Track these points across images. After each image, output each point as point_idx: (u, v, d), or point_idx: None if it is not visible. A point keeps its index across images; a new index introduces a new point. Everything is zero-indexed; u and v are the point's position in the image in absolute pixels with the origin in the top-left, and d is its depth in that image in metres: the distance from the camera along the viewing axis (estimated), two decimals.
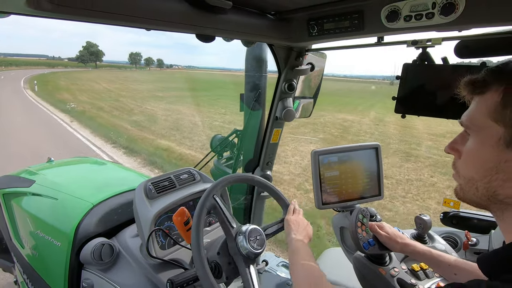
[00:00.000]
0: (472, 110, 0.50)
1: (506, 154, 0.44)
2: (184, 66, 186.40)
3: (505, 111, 0.44)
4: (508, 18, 0.74)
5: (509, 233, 0.48)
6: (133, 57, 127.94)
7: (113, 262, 1.12)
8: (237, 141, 1.83)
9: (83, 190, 1.43)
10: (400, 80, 1.07)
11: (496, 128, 0.45)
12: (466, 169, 0.51)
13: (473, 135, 0.50)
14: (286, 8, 1.07)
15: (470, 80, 0.51)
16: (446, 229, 1.35)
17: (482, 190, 0.48)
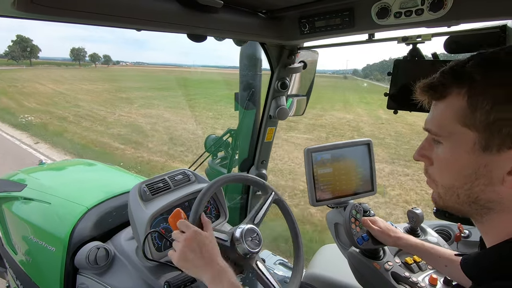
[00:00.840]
0: (438, 116, 0.48)
1: (484, 158, 0.42)
2: (132, 63, 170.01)
3: (475, 115, 0.41)
4: (495, 13, 0.75)
5: (488, 236, 0.48)
6: (75, 53, 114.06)
7: (108, 265, 1.11)
8: (231, 141, 1.83)
9: (77, 194, 1.41)
10: (392, 76, 1.08)
11: (468, 133, 0.43)
12: (443, 177, 0.49)
13: (444, 142, 0.47)
14: (278, 7, 1.07)
15: (427, 84, 0.49)
16: (439, 222, 1.37)
17: (463, 197, 0.46)
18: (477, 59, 0.43)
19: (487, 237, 0.48)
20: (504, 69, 0.40)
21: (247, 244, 0.86)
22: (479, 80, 0.41)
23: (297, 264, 0.99)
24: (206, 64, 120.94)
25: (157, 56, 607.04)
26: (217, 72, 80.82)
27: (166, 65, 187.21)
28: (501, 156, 0.41)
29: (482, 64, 0.42)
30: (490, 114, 0.40)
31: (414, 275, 0.97)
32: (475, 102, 0.41)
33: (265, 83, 1.60)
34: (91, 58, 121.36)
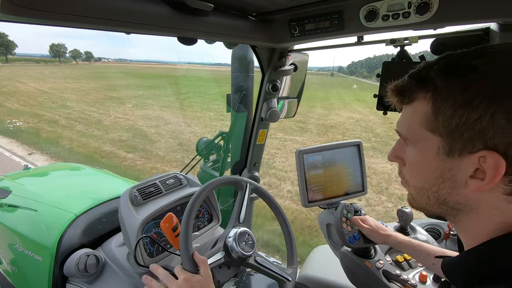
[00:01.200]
0: (406, 120, 0.48)
1: (448, 162, 0.43)
2: (114, 59, 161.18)
3: (438, 120, 0.42)
4: (478, 16, 0.78)
5: (465, 236, 0.49)
6: (55, 50, 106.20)
7: (99, 273, 1.09)
8: (223, 144, 1.82)
9: (65, 200, 1.38)
10: (380, 78, 1.10)
11: (433, 138, 0.44)
12: (413, 179, 0.50)
13: (412, 145, 0.48)
14: (267, 10, 1.07)
15: (396, 88, 0.49)
16: (430, 221, 1.40)
17: (433, 199, 0.47)
18: (440, 64, 0.43)
19: (464, 237, 0.49)
20: (464, 76, 0.40)
21: (242, 249, 0.86)
22: (441, 86, 0.42)
23: (291, 247, 1.01)
24: (191, 61, 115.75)
25: (139, 52, 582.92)
26: (203, 69, 78.85)
27: (150, 62, 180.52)
28: (463, 161, 0.41)
29: (444, 70, 0.42)
30: (452, 120, 0.40)
31: (404, 272, 0.99)
32: (438, 107, 0.42)
33: (256, 85, 1.60)
34: (71, 54, 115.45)
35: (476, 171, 0.41)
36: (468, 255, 0.46)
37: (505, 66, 0.38)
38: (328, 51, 1.32)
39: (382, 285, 0.95)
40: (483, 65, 0.39)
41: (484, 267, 0.42)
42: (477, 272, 0.43)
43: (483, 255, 0.43)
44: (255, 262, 0.90)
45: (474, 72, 0.39)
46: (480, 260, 0.43)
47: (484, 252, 0.43)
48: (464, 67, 0.40)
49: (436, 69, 0.43)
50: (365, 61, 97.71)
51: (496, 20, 0.84)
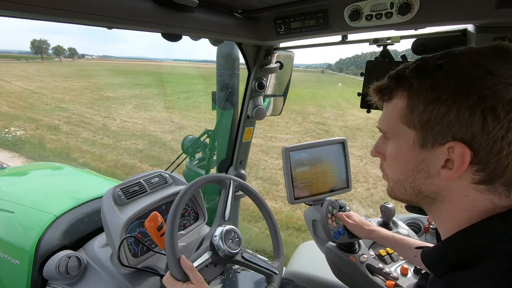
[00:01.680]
0: (386, 116, 0.53)
1: (422, 154, 0.47)
2: (98, 56, 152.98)
3: (413, 115, 0.46)
4: (456, 18, 0.81)
5: (441, 224, 0.52)
6: (37, 46, 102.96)
7: (81, 275, 1.06)
8: (209, 142, 1.81)
9: (43, 201, 1.33)
10: (364, 76, 1.12)
11: (409, 132, 0.48)
12: (391, 172, 0.54)
13: (391, 140, 0.53)
14: (253, 7, 1.07)
15: (377, 87, 0.54)
16: (411, 216, 1.45)
17: (409, 190, 0.51)
18: (413, 66, 0.48)
19: (440, 226, 0.53)
20: (432, 74, 0.44)
21: (228, 246, 0.86)
22: (415, 84, 0.46)
23: (276, 241, 1.02)
24: (178, 58, 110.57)
25: (124, 49, 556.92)
26: (193, 66, 75.67)
27: (135, 58, 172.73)
28: (435, 152, 0.45)
29: (417, 70, 0.47)
30: (424, 114, 0.45)
31: (387, 266, 1.02)
32: (412, 103, 0.46)
33: (242, 83, 1.59)
34: (54, 51, 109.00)
35: (447, 162, 0.44)
36: (444, 244, 0.49)
37: (465, 65, 0.43)
38: (316, 48, 1.33)
39: (366, 278, 0.98)
40: (447, 64, 0.44)
41: (457, 255, 0.46)
42: (451, 260, 0.46)
43: (456, 244, 0.47)
44: (242, 259, 0.90)
45: (440, 71, 0.44)
46: (453, 249, 0.47)
47: (457, 241, 0.47)
48: (433, 67, 0.45)
49: (410, 69, 0.48)
50: (352, 58, 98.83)
51: (472, 22, 0.87)
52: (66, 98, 15.51)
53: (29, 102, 13.71)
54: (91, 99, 15.38)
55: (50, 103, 13.70)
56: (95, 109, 12.55)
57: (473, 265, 0.43)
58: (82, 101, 14.51)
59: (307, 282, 1.37)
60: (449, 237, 0.48)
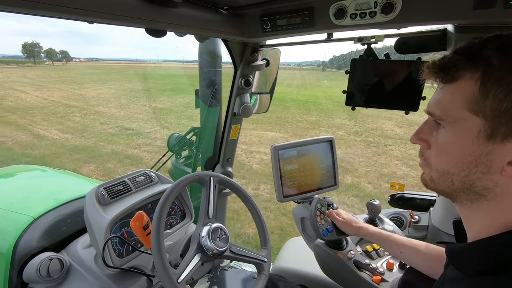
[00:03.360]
0: (445, 100, 0.45)
1: (487, 147, 0.41)
2: (86, 59, 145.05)
3: (486, 102, 0.40)
4: (436, 18, 0.83)
5: (475, 221, 0.48)
6: (29, 49, 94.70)
7: (64, 277, 1.03)
8: (195, 139, 1.79)
9: (21, 203, 1.27)
10: (349, 74, 1.13)
11: (475, 120, 0.41)
12: (440, 162, 0.48)
13: (447, 127, 0.46)
14: (239, 4, 1.06)
15: (437, 65, 0.46)
16: (394, 210, 1.49)
17: (457, 183, 0.46)
18: (497, 43, 0.41)
19: (475, 224, 0.48)
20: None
21: (216, 245, 0.86)
22: (496, 65, 0.39)
23: (262, 230, 1.04)
24: (170, 59, 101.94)
25: (110, 50, 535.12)
26: (187, 67, 72.62)
27: (125, 60, 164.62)
28: (504, 146, 0.40)
29: (502, 48, 0.40)
30: (503, 103, 0.38)
31: (373, 261, 1.04)
32: (488, 88, 0.40)
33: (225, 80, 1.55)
34: (47, 54, 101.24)
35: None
36: (479, 244, 0.45)
37: None
38: (311, 46, 1.32)
39: (353, 274, 1.00)
40: None
41: (493, 258, 0.42)
42: (485, 262, 0.43)
43: (494, 246, 0.43)
44: (231, 253, 0.91)
45: None
46: (490, 251, 0.43)
47: (496, 243, 0.43)
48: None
49: (491, 47, 0.41)
50: (347, 55, 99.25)
51: (452, 22, 0.90)
52: (116, 112, 11.66)
53: (73, 120, 10.22)
54: (147, 112, 11.92)
55: (104, 121, 10.04)
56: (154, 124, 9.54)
57: (502, 271, 0.40)
58: (143, 117, 10.89)
59: (295, 278, 1.39)
60: (487, 238, 0.44)
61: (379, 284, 0.95)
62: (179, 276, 0.78)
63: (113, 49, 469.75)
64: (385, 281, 0.96)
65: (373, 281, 0.96)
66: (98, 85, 22.43)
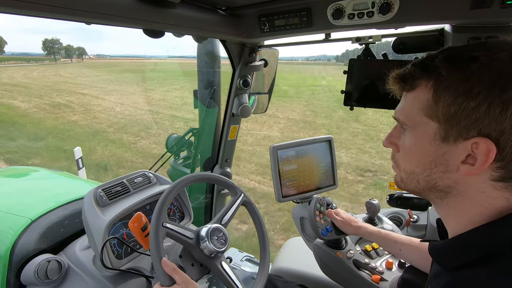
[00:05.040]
0: (406, 107, 0.50)
1: (443, 148, 0.45)
2: (95, 55, 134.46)
3: (438, 107, 0.44)
4: (434, 18, 0.84)
5: (451, 220, 0.51)
6: (49, 46, 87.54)
7: (62, 279, 1.02)
8: (194, 140, 1.79)
9: (19, 205, 1.27)
10: (347, 74, 1.14)
11: (431, 124, 0.46)
12: (406, 163, 0.52)
13: (409, 131, 0.51)
14: (237, 4, 1.06)
15: (398, 75, 0.51)
16: (392, 210, 1.49)
17: (423, 183, 0.50)
18: (445, 54, 0.46)
19: (450, 222, 0.51)
20: (466, 66, 0.42)
21: (213, 244, 0.85)
22: (444, 74, 0.44)
23: (264, 260, 1.01)
24: (182, 55, 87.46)
25: (116, 47, 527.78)
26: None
27: (132, 57, 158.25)
28: (457, 147, 0.44)
29: (448, 59, 0.45)
30: (451, 107, 0.43)
31: (373, 260, 1.05)
32: (438, 95, 0.44)
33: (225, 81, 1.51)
34: (65, 51, 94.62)
35: (468, 157, 0.43)
36: (457, 240, 0.48)
37: (503, 59, 0.41)
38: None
39: (353, 273, 1.00)
40: (484, 56, 0.42)
41: (471, 252, 0.45)
42: (464, 257, 0.45)
43: (471, 241, 0.46)
44: (220, 266, 0.88)
45: (475, 63, 0.42)
46: (468, 246, 0.46)
47: (473, 238, 0.46)
48: (467, 58, 0.43)
49: (440, 59, 0.45)
50: (352, 51, 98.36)
51: (449, 22, 0.91)
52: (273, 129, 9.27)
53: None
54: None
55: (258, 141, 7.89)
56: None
57: (486, 263, 0.42)
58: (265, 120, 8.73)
59: (294, 278, 1.39)
60: (464, 234, 0.47)
61: (378, 283, 0.95)
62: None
63: (116, 44, 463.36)
64: (385, 280, 0.96)
65: (373, 280, 0.96)
66: (159, 85, 19.24)
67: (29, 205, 1.27)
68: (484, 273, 0.42)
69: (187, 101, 13.06)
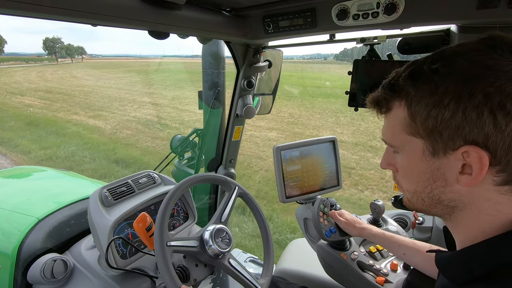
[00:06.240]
0: (389, 129, 0.50)
1: (435, 162, 0.45)
2: (90, 55, 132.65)
3: (417, 124, 0.44)
4: (440, 18, 0.83)
5: (459, 233, 0.49)
6: (50, 46, 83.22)
7: (67, 278, 1.03)
8: (198, 141, 1.79)
9: (26, 204, 1.28)
10: (352, 75, 1.13)
11: (416, 141, 0.46)
12: (406, 183, 0.52)
13: (400, 151, 0.50)
14: (242, 5, 1.07)
15: (373, 99, 0.52)
16: (397, 212, 1.48)
17: (427, 200, 0.49)
18: (406, 73, 0.46)
19: (458, 234, 0.50)
20: (429, 79, 0.42)
21: (218, 245, 0.86)
22: (411, 92, 0.44)
23: (268, 255, 1.01)
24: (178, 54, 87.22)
25: (108, 46, 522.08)
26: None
27: (126, 56, 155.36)
28: (449, 159, 0.43)
29: (411, 77, 0.45)
30: (428, 121, 0.43)
31: (377, 262, 1.04)
32: (413, 111, 0.44)
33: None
34: (66, 50, 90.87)
35: (464, 167, 0.42)
36: (467, 252, 0.46)
37: (462, 65, 0.41)
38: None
39: (357, 275, 0.99)
40: (443, 67, 0.42)
41: (482, 266, 0.43)
42: (470, 271, 0.44)
43: (477, 254, 0.44)
44: (228, 263, 0.89)
45: (436, 75, 0.42)
46: (474, 260, 0.44)
47: (484, 251, 0.44)
48: (428, 71, 0.43)
49: (403, 78, 0.46)
50: (350, 50, 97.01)
51: (455, 22, 0.90)
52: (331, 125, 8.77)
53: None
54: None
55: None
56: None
57: (495, 280, 0.41)
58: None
59: (298, 280, 1.38)
60: (473, 246, 0.45)
61: (383, 285, 0.95)
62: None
63: (110, 44, 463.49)
64: (389, 282, 0.95)
65: (377, 282, 0.96)
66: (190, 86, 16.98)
67: (36, 204, 1.29)
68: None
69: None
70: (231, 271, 0.88)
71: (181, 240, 0.85)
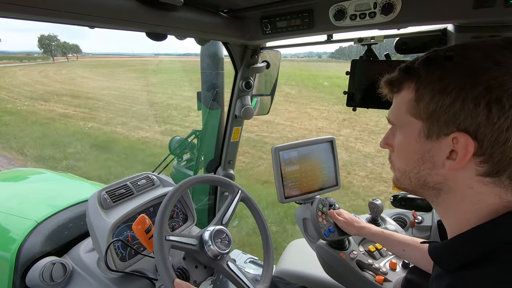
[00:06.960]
0: (395, 108, 0.54)
1: (427, 145, 0.48)
2: (82, 54, 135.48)
3: (419, 106, 0.47)
4: (436, 18, 0.83)
5: (447, 219, 0.52)
6: (46, 43, 76.24)
7: (66, 281, 1.03)
8: (197, 142, 1.79)
9: (24, 207, 1.28)
10: (350, 75, 1.14)
11: (416, 123, 0.49)
12: (398, 162, 0.56)
13: (399, 131, 0.54)
14: (239, 6, 1.07)
15: (387, 80, 0.55)
16: (396, 211, 1.48)
17: (414, 180, 0.52)
18: (423, 58, 0.49)
19: (447, 221, 0.53)
20: (442, 65, 0.45)
21: (217, 246, 0.86)
22: (423, 76, 0.47)
23: (267, 260, 1.00)
24: (174, 52, 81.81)
25: (100, 44, 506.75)
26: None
27: (120, 55, 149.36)
28: (440, 143, 0.46)
29: (426, 62, 0.48)
30: (430, 105, 0.45)
31: (376, 261, 1.04)
32: (419, 94, 0.47)
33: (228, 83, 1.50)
34: (62, 49, 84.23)
35: (452, 153, 0.45)
36: (454, 241, 0.49)
37: (475, 56, 0.43)
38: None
39: (356, 274, 0.99)
40: (457, 55, 0.44)
41: (467, 253, 0.45)
42: (461, 258, 0.46)
43: (466, 242, 0.47)
44: (227, 266, 0.88)
45: (449, 62, 0.44)
46: (464, 247, 0.47)
47: (468, 239, 0.46)
48: (442, 58, 0.46)
49: (419, 62, 0.49)
50: (348, 48, 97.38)
51: (452, 22, 0.90)
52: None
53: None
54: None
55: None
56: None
57: (483, 264, 0.43)
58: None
59: (298, 280, 1.38)
60: (461, 234, 0.48)
61: (382, 284, 0.95)
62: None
63: (100, 42, 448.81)
64: (388, 281, 0.95)
65: (376, 281, 0.96)
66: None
67: (34, 207, 1.28)
68: (481, 274, 0.42)
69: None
70: (229, 274, 0.87)
71: (181, 236, 0.85)
